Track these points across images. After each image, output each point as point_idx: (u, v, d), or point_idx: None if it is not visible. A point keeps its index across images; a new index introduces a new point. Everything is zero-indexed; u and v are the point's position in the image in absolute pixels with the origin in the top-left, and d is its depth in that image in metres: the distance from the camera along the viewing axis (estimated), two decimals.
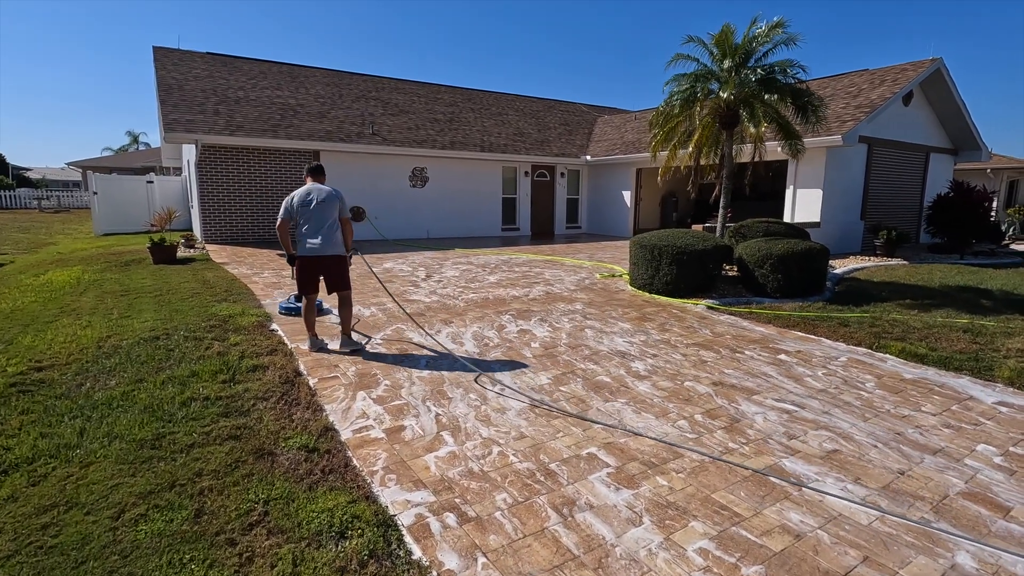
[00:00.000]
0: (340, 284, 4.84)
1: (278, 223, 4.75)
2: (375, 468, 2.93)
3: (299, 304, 5.77)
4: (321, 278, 4.84)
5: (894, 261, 11.33)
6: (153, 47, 14.79)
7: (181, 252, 10.71)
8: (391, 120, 15.69)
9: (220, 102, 13.25)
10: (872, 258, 11.71)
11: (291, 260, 4.83)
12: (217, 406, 3.52)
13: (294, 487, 2.67)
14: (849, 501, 2.71)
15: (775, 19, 7.74)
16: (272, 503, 2.53)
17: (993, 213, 15.10)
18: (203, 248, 11.60)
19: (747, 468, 3.01)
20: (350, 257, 4.97)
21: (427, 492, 2.71)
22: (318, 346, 4.88)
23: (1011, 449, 3.31)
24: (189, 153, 14.34)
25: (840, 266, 10.35)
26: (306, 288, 4.81)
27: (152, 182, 17.25)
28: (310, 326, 4.88)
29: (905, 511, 2.64)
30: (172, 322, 5.38)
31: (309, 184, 4.85)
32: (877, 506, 2.67)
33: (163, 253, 9.42)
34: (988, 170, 20.74)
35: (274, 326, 5.54)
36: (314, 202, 4.71)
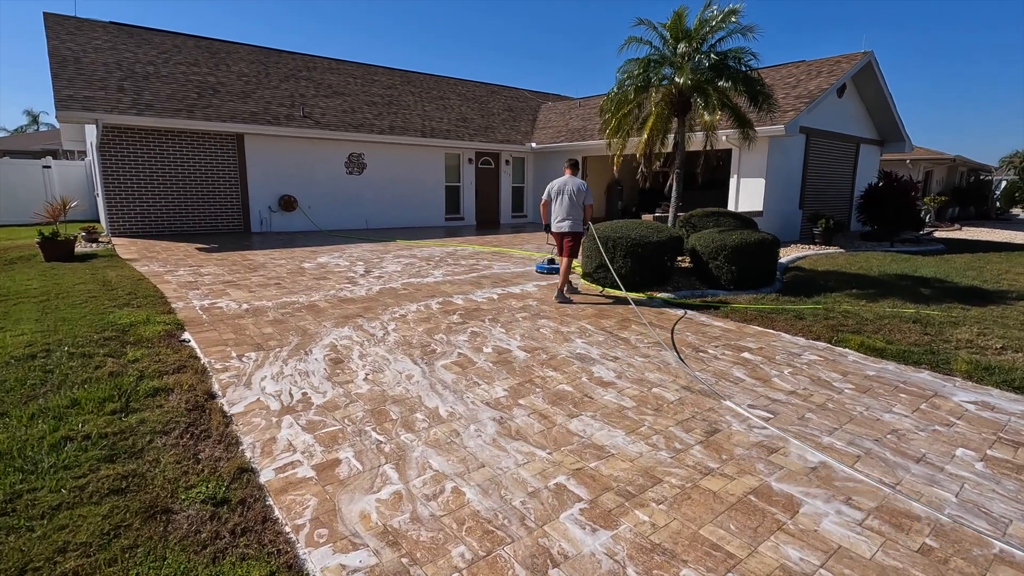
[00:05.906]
0: (572, 252, 6.53)
1: (541, 203, 6.69)
2: (301, 521, 2.39)
3: (553, 266, 8.05)
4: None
5: (832, 249, 11.65)
6: (44, 13, 13.03)
7: (81, 247, 9.48)
8: (324, 102, 14.65)
9: (125, 78, 11.84)
10: (812, 246, 12.00)
11: (547, 228, 6.70)
12: (100, 447, 2.84)
13: (193, 560, 2.10)
14: (847, 530, 2.44)
15: (730, 5, 7.54)
16: None
17: (918, 203, 15.90)
18: (108, 242, 10.33)
19: (734, 494, 2.69)
20: (586, 230, 6.71)
21: (367, 552, 2.21)
22: (563, 299, 6.43)
23: (988, 452, 3.18)
24: (92, 135, 12.80)
25: (784, 255, 10.49)
26: (560, 251, 6.64)
27: (49, 167, 15.41)
28: (563, 281, 6.52)
29: (905, 536, 2.39)
30: (56, 334, 4.53)
31: (567, 176, 6.54)
32: (879, 533, 2.41)
33: (57, 248, 8.25)
34: (908, 160, 22.00)
35: (186, 335, 4.79)
36: (568, 191, 6.41)
